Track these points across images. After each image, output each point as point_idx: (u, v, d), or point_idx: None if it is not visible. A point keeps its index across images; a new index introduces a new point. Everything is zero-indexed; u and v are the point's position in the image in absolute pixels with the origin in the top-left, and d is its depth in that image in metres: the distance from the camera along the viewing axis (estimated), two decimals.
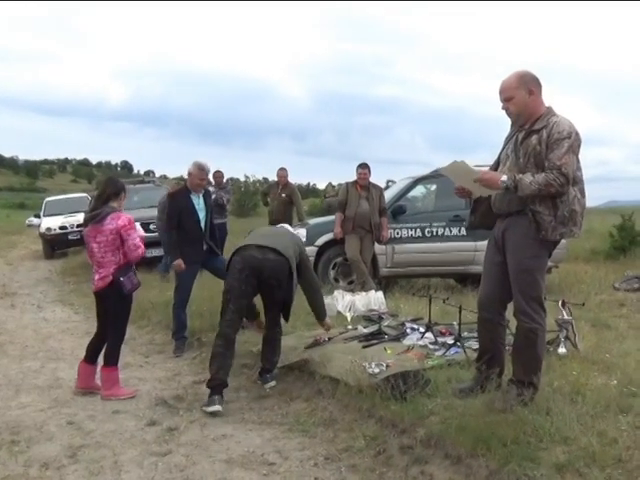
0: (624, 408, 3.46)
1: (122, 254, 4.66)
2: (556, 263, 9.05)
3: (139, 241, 4.69)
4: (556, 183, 3.31)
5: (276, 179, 10.77)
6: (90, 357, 4.89)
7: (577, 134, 3.40)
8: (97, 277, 4.72)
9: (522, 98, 3.45)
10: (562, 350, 4.64)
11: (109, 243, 4.62)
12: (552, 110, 3.50)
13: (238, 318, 4.57)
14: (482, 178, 3.49)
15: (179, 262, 5.93)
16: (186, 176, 6.25)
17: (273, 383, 4.74)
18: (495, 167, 3.74)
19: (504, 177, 3.41)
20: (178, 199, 6.09)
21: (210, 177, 10.94)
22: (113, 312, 4.77)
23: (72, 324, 7.57)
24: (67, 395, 4.80)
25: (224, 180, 11.39)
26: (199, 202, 6.07)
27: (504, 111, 3.57)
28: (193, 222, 5.98)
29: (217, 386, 4.34)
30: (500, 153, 3.73)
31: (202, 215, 6.05)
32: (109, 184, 4.86)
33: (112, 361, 4.78)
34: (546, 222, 3.41)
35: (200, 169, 6.04)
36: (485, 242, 3.94)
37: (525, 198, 3.41)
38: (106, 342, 4.83)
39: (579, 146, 3.41)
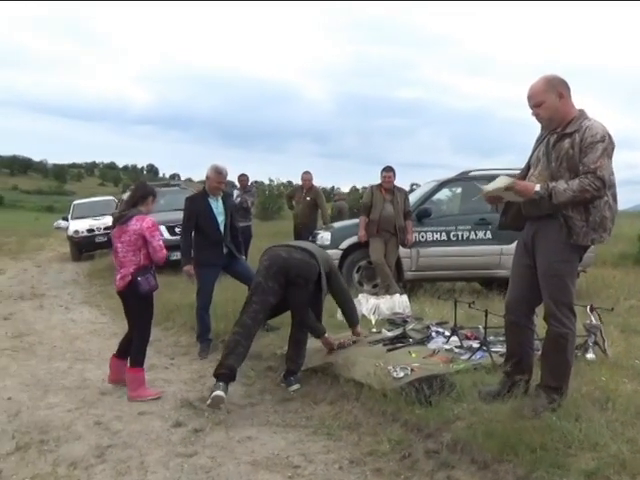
0: None
1: (143, 255, 4.76)
2: (584, 268, 8.92)
3: (162, 243, 4.77)
4: (591, 188, 3.25)
5: (300, 182, 10.80)
6: (120, 352, 5.04)
7: (610, 137, 3.34)
8: (118, 277, 4.86)
9: (552, 102, 3.41)
10: (591, 355, 4.57)
11: (131, 243, 4.74)
12: (584, 113, 3.45)
13: (261, 313, 4.60)
14: (516, 189, 3.42)
15: (188, 268, 6.03)
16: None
17: (297, 386, 4.74)
18: (526, 170, 3.69)
19: (537, 187, 3.35)
20: (196, 203, 6.13)
21: (235, 181, 11.04)
22: (135, 312, 4.90)
23: (99, 325, 7.67)
24: (94, 396, 4.85)
25: (249, 183, 11.47)
26: (217, 205, 6.09)
27: (535, 117, 3.52)
28: (211, 225, 6.01)
29: (223, 374, 4.32)
30: (531, 156, 3.68)
31: (221, 219, 6.05)
32: (138, 188, 5.06)
33: (138, 362, 4.85)
34: (578, 227, 3.37)
35: (217, 172, 6.06)
36: (511, 246, 3.91)
37: (548, 201, 3.35)
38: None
39: (613, 150, 3.35)
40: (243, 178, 11.13)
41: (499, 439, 3.18)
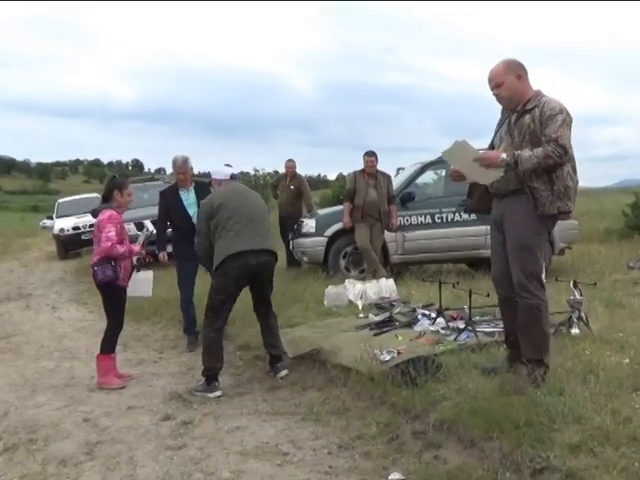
0: (638, 386, 3.42)
1: None
2: (569, 244, 8.99)
3: (112, 236, 4.82)
4: (554, 154, 3.39)
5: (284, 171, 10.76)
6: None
7: (568, 111, 3.51)
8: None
9: (511, 83, 3.58)
10: (575, 331, 4.60)
11: (95, 236, 4.95)
12: (541, 92, 3.62)
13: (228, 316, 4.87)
14: (482, 157, 3.54)
15: (161, 255, 6.16)
16: (197, 172, 6.30)
17: (286, 372, 4.77)
18: (490, 150, 3.78)
19: (503, 155, 3.48)
20: (166, 196, 6.15)
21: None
22: (103, 303, 5.07)
23: (87, 323, 7.64)
24: (83, 393, 4.84)
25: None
26: (188, 197, 6.06)
27: (495, 97, 3.67)
28: (183, 218, 6.01)
29: (215, 374, 4.61)
30: (493, 138, 3.83)
31: (193, 211, 5.94)
32: (106, 184, 5.20)
33: (106, 349, 4.97)
34: (544, 197, 3.50)
35: (174, 163, 6.05)
36: None
37: (523, 176, 3.47)
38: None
39: (571, 122, 3.51)
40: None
41: (485, 417, 3.20)
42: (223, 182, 4.99)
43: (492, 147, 3.80)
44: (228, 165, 11.27)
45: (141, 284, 5.27)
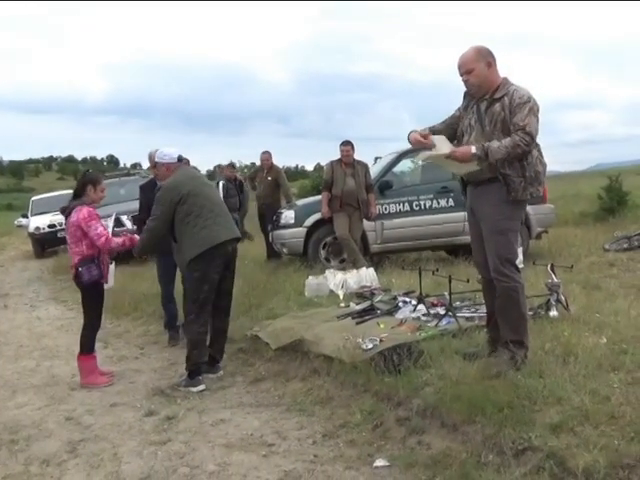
0: (615, 366, 3.49)
1: (85, 246, 4.79)
2: (545, 228, 9.09)
3: (102, 230, 4.76)
4: (522, 143, 3.47)
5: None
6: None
7: (535, 100, 3.58)
8: (70, 268, 4.96)
9: (482, 70, 3.63)
10: (553, 313, 4.66)
11: (72, 235, 4.81)
12: (508, 80, 3.68)
13: None
14: (454, 155, 3.60)
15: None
16: None
17: (222, 372, 4.84)
18: (451, 135, 3.83)
19: (474, 149, 3.52)
20: (145, 191, 6.04)
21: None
22: (84, 301, 4.97)
23: (66, 321, 7.55)
24: (64, 392, 4.80)
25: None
26: None
27: (464, 83, 3.72)
28: None
29: (199, 369, 4.61)
30: (460, 125, 3.83)
31: None
32: (78, 180, 5.09)
33: (86, 349, 4.91)
34: (516, 183, 3.58)
35: (149, 158, 5.98)
36: None
37: (495, 164, 3.53)
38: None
39: (538, 110, 3.58)
40: (185, 162, 11.01)
41: (467, 401, 3.23)
42: (172, 166, 4.86)
43: (461, 135, 3.81)
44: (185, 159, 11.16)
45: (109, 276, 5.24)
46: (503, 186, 3.58)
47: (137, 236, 5.02)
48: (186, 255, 4.61)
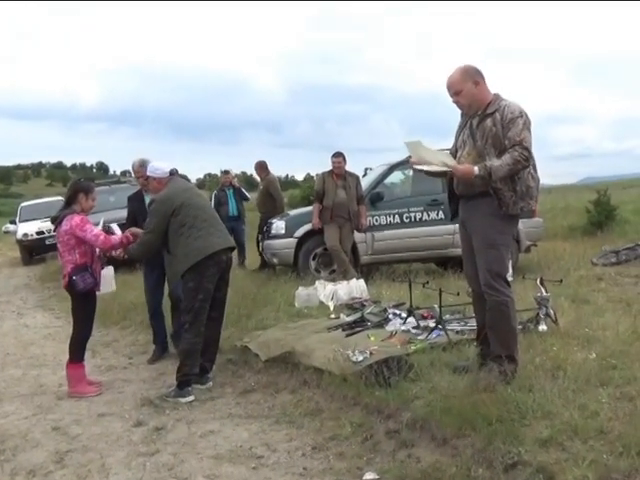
0: (604, 381, 3.52)
1: (78, 254, 4.76)
2: (534, 241, 9.15)
3: (98, 231, 4.76)
4: (522, 158, 3.52)
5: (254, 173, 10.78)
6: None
7: (527, 114, 3.62)
8: (62, 277, 4.91)
9: (470, 89, 3.68)
10: (542, 327, 4.69)
11: (65, 244, 4.77)
12: (500, 95, 3.72)
13: None
14: (456, 173, 3.67)
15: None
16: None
17: (211, 383, 4.81)
18: (454, 154, 3.88)
19: (476, 170, 3.56)
20: (132, 200, 6.00)
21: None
22: (75, 309, 4.92)
23: (53, 329, 7.50)
24: (51, 401, 4.75)
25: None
26: None
27: (455, 104, 3.77)
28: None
29: (190, 380, 4.59)
30: (456, 142, 3.91)
31: None
32: (70, 187, 4.99)
33: (76, 358, 4.88)
34: (507, 197, 3.62)
35: (132, 167, 5.95)
36: None
37: (488, 179, 3.56)
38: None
39: (530, 124, 3.63)
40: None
41: (457, 415, 3.25)
42: (164, 180, 4.88)
43: (455, 151, 3.89)
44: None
45: (107, 281, 5.20)
46: (494, 200, 3.62)
47: (136, 229, 4.98)
48: (180, 266, 4.61)
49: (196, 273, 4.53)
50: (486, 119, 3.63)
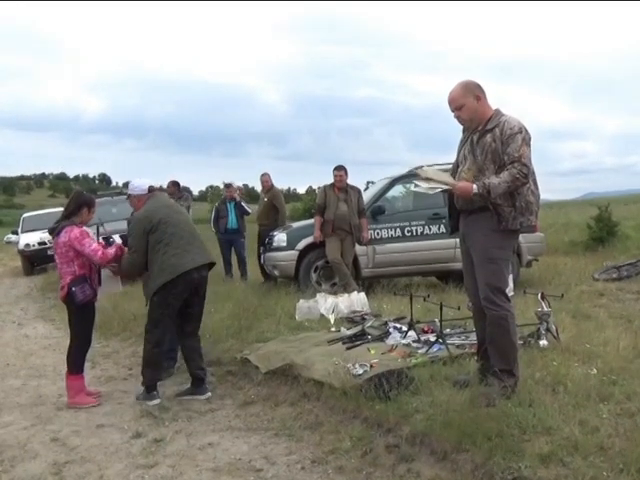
0: (605, 396, 3.51)
1: (77, 266, 4.77)
2: (536, 256, 9.15)
3: (96, 246, 4.75)
4: (520, 175, 3.53)
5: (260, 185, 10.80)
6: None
7: (526, 129, 3.64)
8: (60, 287, 4.90)
9: (471, 104, 3.70)
10: (543, 342, 4.69)
11: (63, 255, 4.77)
12: (500, 111, 3.74)
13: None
14: (456, 192, 3.72)
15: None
16: (164, 186, 6.19)
17: (210, 394, 4.82)
18: (455, 168, 3.93)
19: (475, 188, 3.59)
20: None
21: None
22: (74, 321, 4.91)
23: (54, 340, 7.49)
24: (51, 412, 4.74)
25: (178, 189, 11.22)
26: None
27: (456, 119, 3.80)
28: None
29: (155, 385, 4.79)
30: (457, 157, 3.94)
31: None
32: (71, 200, 4.98)
33: (75, 369, 4.87)
34: (506, 213, 3.63)
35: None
36: None
37: (487, 196, 3.58)
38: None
39: (530, 139, 3.65)
40: (169, 185, 10.99)
41: (457, 429, 3.23)
42: (143, 197, 4.93)
43: (457, 166, 3.92)
44: (174, 182, 10.94)
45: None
46: (494, 215, 3.63)
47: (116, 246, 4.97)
48: (153, 284, 4.69)
49: (164, 289, 4.63)
50: (486, 135, 3.65)
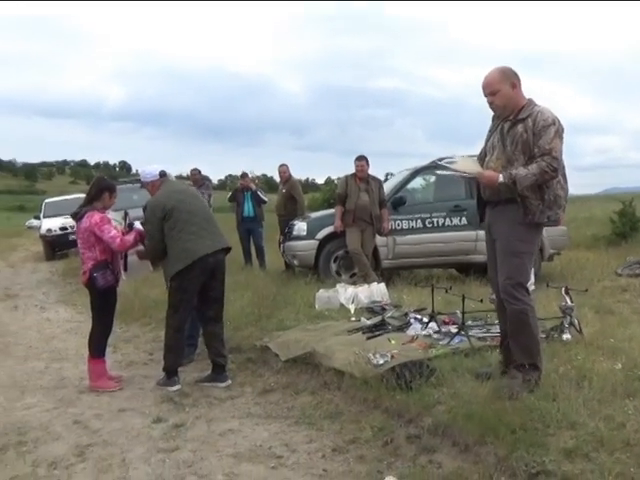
0: (630, 392, 3.46)
1: (98, 251, 4.81)
2: (558, 250, 9.06)
3: (115, 233, 4.78)
4: (549, 169, 3.45)
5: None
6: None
7: (560, 121, 3.55)
8: (82, 272, 4.95)
9: (506, 91, 3.61)
10: (566, 336, 4.63)
11: (85, 240, 4.82)
12: (533, 101, 3.66)
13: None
14: (481, 181, 3.67)
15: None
16: (184, 174, 6.20)
17: (229, 382, 4.83)
18: (482, 158, 3.85)
19: (501, 177, 3.52)
20: None
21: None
22: (96, 305, 4.97)
23: (75, 324, 7.57)
24: (73, 395, 4.79)
25: (200, 177, 11.29)
26: None
27: (489, 105, 3.71)
28: None
29: (176, 370, 4.83)
30: (485, 145, 3.86)
31: None
32: (94, 184, 5.03)
33: (97, 353, 4.93)
34: (534, 206, 3.55)
35: None
36: None
37: (514, 186, 3.51)
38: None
39: (563, 132, 3.56)
40: (194, 173, 11.02)
41: (479, 421, 3.21)
42: (156, 183, 4.97)
43: (484, 154, 3.85)
44: (195, 169, 10.99)
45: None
46: (520, 208, 3.56)
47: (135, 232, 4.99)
48: (169, 269, 4.76)
49: (180, 274, 4.67)
50: (517, 124, 3.57)
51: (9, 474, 3.42)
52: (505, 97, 3.60)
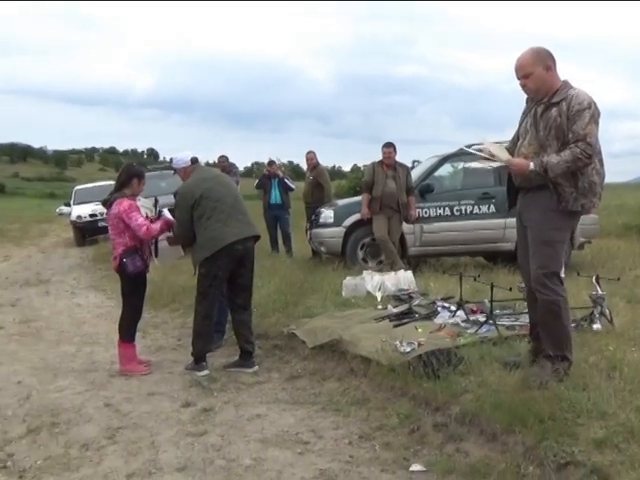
0: None
1: (128, 237, 4.89)
2: (589, 238, 8.91)
3: (142, 221, 4.83)
4: (583, 156, 3.33)
5: (305, 162, 10.79)
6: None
7: (596, 105, 3.42)
8: (112, 258, 5.06)
9: (540, 74, 3.47)
10: (597, 326, 4.56)
11: (114, 227, 4.92)
12: (569, 83, 3.52)
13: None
14: (511, 168, 3.57)
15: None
16: (211, 161, 6.23)
17: (257, 367, 4.88)
18: (515, 142, 3.75)
19: (532, 165, 3.42)
20: None
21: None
22: (126, 290, 5.06)
23: (105, 309, 7.69)
24: (103, 378, 4.88)
25: (228, 164, 11.30)
26: None
27: (522, 87, 3.58)
28: None
29: (204, 356, 4.88)
30: (519, 129, 3.75)
31: None
32: (123, 171, 5.11)
33: (127, 337, 5.02)
34: (567, 193, 3.43)
35: None
36: (515, 219, 3.91)
37: (544, 175, 3.41)
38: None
39: (599, 116, 3.43)
40: (222, 160, 11.05)
41: (507, 410, 3.19)
42: (188, 169, 5.01)
43: (517, 139, 3.74)
44: (223, 156, 11.06)
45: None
46: (553, 195, 3.45)
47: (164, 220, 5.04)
48: (197, 256, 4.82)
49: (208, 262, 4.73)
50: (551, 108, 3.45)
51: (43, 454, 3.51)
52: (538, 80, 3.47)
